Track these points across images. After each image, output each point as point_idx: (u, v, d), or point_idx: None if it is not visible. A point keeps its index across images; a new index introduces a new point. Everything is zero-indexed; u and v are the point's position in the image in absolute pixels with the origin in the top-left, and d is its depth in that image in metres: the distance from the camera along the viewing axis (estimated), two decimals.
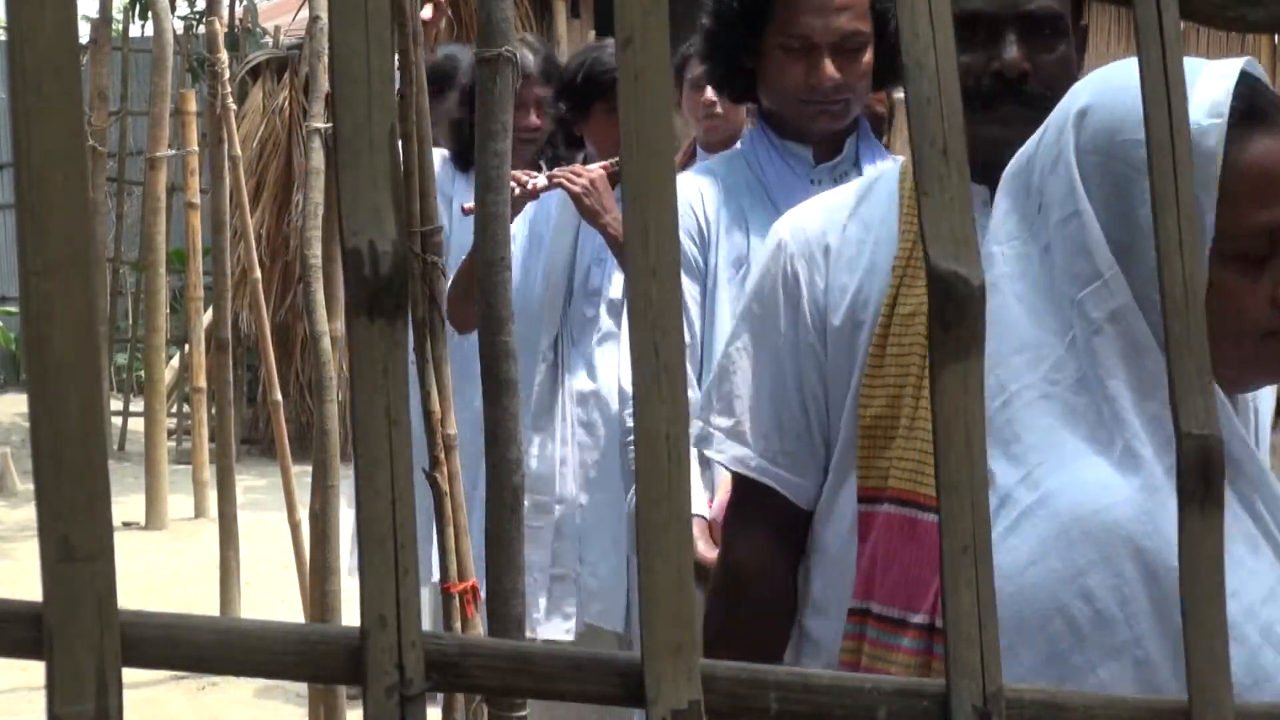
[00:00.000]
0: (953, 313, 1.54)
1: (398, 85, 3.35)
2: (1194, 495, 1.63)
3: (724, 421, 2.82)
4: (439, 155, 5.59)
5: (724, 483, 3.45)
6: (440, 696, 3.74)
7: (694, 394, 3.58)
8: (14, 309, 16.63)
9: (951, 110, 1.56)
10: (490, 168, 3.09)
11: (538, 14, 12.46)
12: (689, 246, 3.76)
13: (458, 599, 3.55)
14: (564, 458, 5.19)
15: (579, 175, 4.90)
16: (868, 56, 3.73)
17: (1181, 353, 1.64)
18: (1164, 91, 1.64)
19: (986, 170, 2.65)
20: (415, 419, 4.08)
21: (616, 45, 1.47)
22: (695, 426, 2.83)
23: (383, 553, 1.40)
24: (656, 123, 1.47)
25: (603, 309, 5.19)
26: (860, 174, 3.65)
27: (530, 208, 5.23)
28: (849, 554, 2.70)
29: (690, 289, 3.73)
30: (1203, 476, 1.63)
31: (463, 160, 5.72)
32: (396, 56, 3.37)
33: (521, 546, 3.14)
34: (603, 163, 4.99)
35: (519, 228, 5.21)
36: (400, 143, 3.06)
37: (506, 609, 3.09)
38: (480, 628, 3.63)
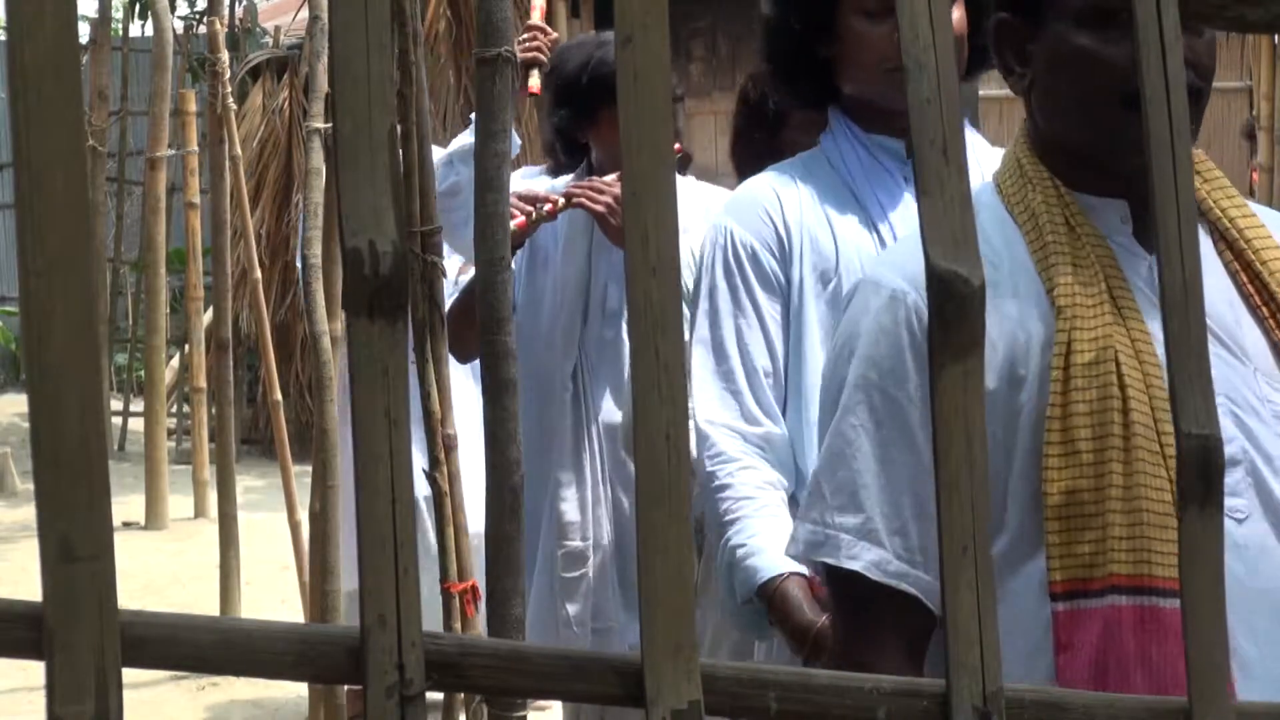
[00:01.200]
0: (953, 312, 1.55)
1: (397, 85, 3.35)
2: (1193, 495, 1.63)
3: (850, 519, 2.28)
4: (535, 170, 5.23)
5: None
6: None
7: (778, 430, 3.28)
8: (14, 309, 16.62)
9: (951, 110, 1.56)
10: (490, 168, 3.10)
11: None
12: (767, 260, 3.33)
13: (458, 599, 3.55)
14: (595, 498, 4.62)
15: (600, 192, 4.40)
16: (958, 13, 3.29)
17: (1181, 352, 1.64)
18: (1164, 92, 1.64)
19: (1130, 184, 2.30)
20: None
21: (616, 45, 1.47)
22: (804, 530, 2.36)
23: (383, 553, 1.40)
24: (656, 122, 1.47)
25: (624, 330, 4.23)
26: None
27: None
28: (1018, 669, 2.09)
29: (770, 308, 3.32)
30: (1202, 476, 1.63)
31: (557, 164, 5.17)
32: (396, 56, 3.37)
33: (521, 547, 3.14)
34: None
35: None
36: (400, 142, 3.06)
37: (506, 609, 3.09)
38: (480, 628, 3.63)
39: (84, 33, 11.30)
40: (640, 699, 1.45)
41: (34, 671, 1.38)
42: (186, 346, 10.98)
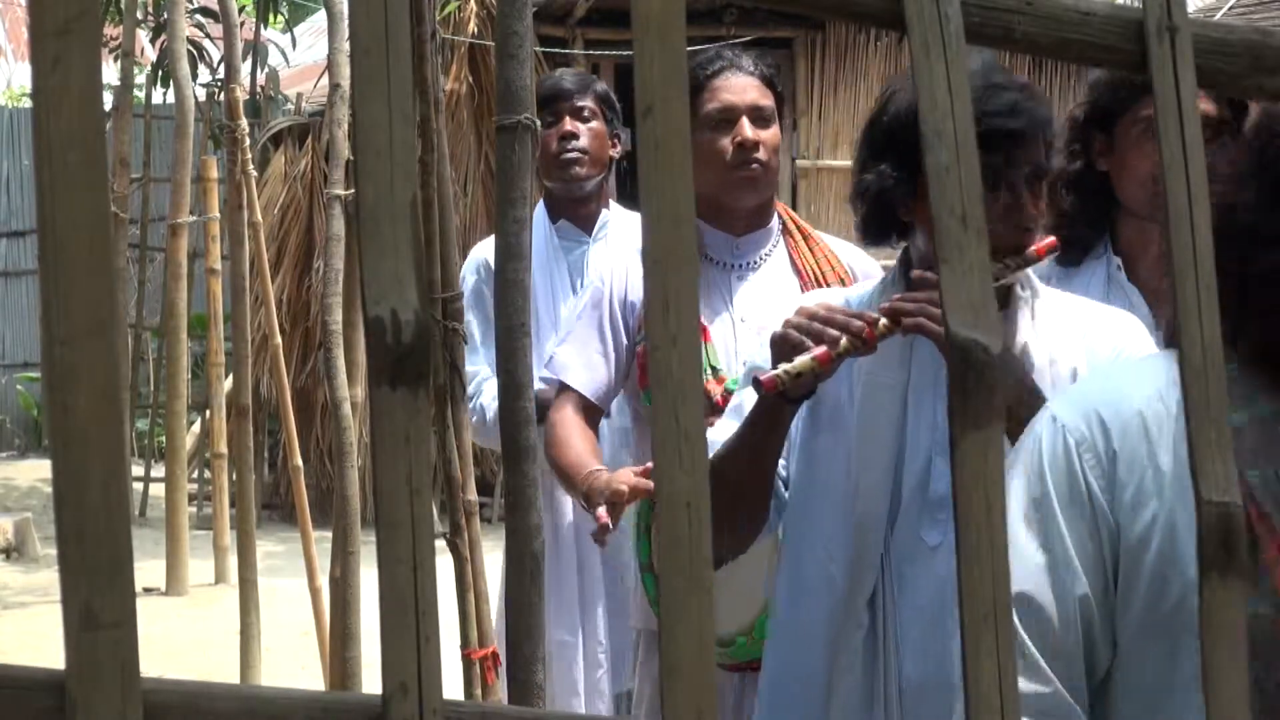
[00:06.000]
0: (973, 381, 1.55)
1: (418, 152, 3.36)
2: (1215, 562, 1.63)
3: None
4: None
5: None
6: None
7: None
8: (35, 374, 16.67)
9: (970, 177, 1.57)
10: (510, 234, 3.11)
11: None
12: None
13: (478, 665, 3.55)
14: None
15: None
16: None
17: (1202, 419, 1.64)
18: (1182, 161, 1.65)
19: None
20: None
21: (637, 114, 1.47)
22: None
23: (404, 620, 1.40)
24: (677, 191, 1.47)
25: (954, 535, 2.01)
26: None
27: None
28: None
29: None
30: (1224, 544, 1.63)
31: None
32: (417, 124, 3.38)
33: (542, 612, 3.14)
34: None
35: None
36: (421, 209, 3.07)
37: (527, 675, 3.08)
38: (501, 694, 3.63)
39: (106, 100, 11.35)
40: None
41: None
42: (207, 412, 10.99)
